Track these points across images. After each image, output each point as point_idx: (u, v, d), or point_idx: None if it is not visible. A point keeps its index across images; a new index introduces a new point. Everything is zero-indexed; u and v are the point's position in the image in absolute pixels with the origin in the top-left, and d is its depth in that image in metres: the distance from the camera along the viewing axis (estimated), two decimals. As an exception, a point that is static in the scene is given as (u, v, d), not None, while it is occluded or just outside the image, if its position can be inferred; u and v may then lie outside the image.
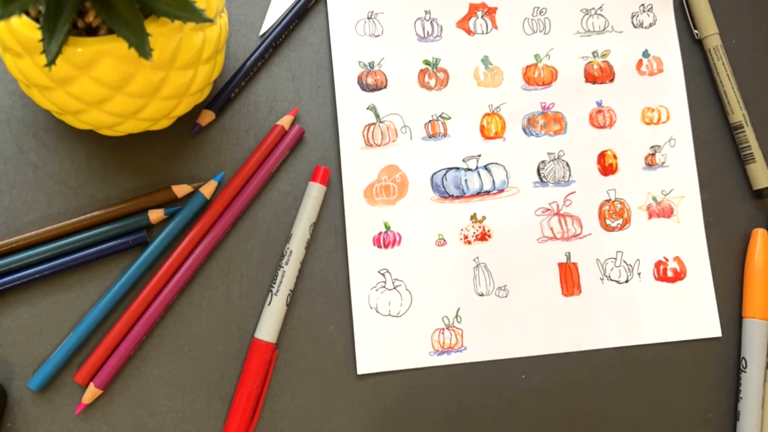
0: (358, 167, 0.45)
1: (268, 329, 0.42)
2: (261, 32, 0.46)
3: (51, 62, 0.30)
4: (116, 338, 0.41)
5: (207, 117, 0.44)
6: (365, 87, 0.46)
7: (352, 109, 0.46)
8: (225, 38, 0.40)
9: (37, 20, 0.32)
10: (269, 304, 0.43)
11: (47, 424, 0.41)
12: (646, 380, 0.45)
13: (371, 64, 0.46)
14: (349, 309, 0.44)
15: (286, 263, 0.43)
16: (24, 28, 0.32)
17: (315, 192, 0.44)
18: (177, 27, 0.33)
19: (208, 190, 0.43)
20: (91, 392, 0.40)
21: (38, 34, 0.31)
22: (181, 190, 0.43)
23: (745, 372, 0.45)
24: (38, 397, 0.41)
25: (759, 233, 0.47)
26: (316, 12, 0.47)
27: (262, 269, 0.44)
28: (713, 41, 0.49)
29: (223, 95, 0.44)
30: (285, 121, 0.45)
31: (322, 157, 0.45)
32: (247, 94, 0.46)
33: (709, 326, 0.46)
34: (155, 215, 0.42)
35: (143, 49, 0.30)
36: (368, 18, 0.47)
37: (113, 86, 0.34)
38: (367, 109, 0.46)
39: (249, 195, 0.43)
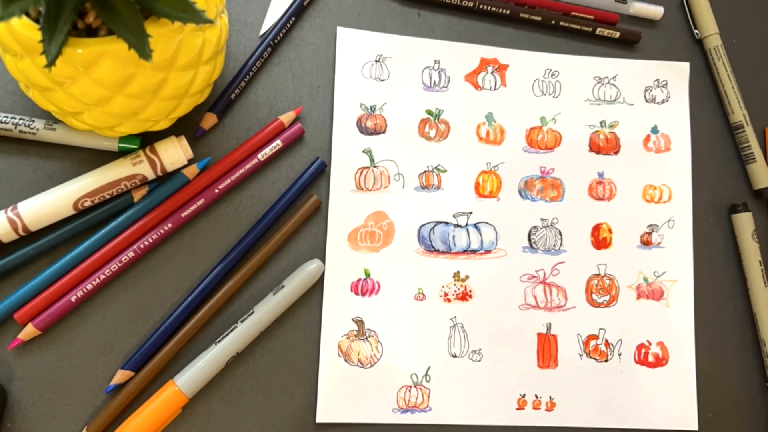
0: (345, 210, 0.44)
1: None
2: (261, 32, 0.46)
3: (51, 63, 0.30)
4: (65, 286, 0.40)
5: (210, 120, 0.44)
6: (363, 130, 0.45)
7: (347, 150, 0.45)
8: (225, 39, 0.40)
9: (37, 21, 0.32)
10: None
11: (47, 424, 0.41)
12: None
13: (373, 108, 0.45)
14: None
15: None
16: (24, 29, 0.31)
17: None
18: (177, 28, 0.33)
19: (190, 171, 0.43)
20: (29, 331, 0.40)
21: (38, 35, 0.31)
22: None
23: None
24: (38, 397, 0.41)
25: None
26: (317, 12, 0.47)
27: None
28: (713, 41, 0.49)
29: (225, 98, 0.44)
30: (286, 117, 0.44)
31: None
32: (247, 95, 0.45)
33: (686, 418, 0.45)
34: (138, 193, 0.42)
35: (143, 50, 0.30)
36: (376, 61, 0.46)
37: (113, 87, 0.34)
38: (363, 152, 0.45)
39: (234, 181, 0.43)
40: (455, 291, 0.44)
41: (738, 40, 0.51)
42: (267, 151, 0.44)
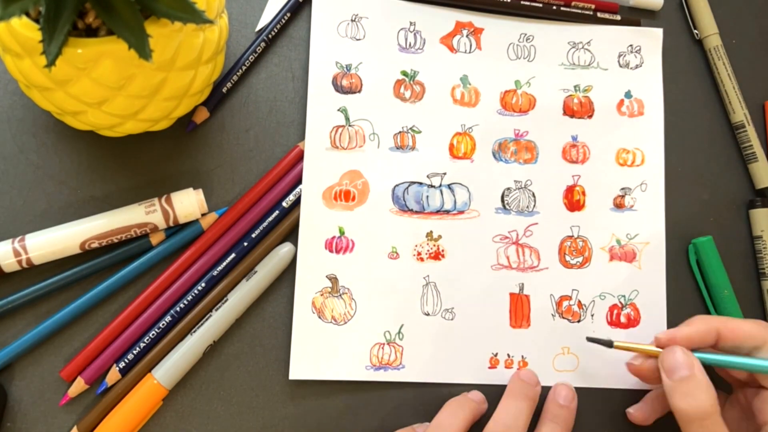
0: (320, 168, 0.44)
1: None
2: (257, 29, 0.46)
3: (51, 63, 0.30)
4: (108, 338, 0.41)
5: (201, 114, 0.44)
6: (339, 88, 0.45)
7: (322, 108, 0.45)
8: (225, 39, 0.39)
9: (37, 21, 0.31)
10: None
11: (47, 424, 0.41)
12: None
13: (348, 67, 0.46)
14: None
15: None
16: (24, 29, 0.31)
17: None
18: (177, 28, 0.33)
19: (206, 222, 0.43)
20: (78, 386, 0.40)
21: (38, 35, 0.31)
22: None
23: None
24: (38, 397, 0.41)
25: None
26: (316, 11, 0.47)
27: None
28: (713, 41, 0.49)
29: (217, 92, 0.44)
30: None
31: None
32: (247, 94, 0.45)
33: (656, 378, 0.45)
34: (156, 237, 0.42)
35: (143, 51, 0.30)
36: (352, 20, 0.46)
37: (113, 87, 0.34)
38: (338, 110, 0.45)
39: (243, 229, 0.43)
40: (428, 250, 0.45)
41: (738, 40, 0.51)
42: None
